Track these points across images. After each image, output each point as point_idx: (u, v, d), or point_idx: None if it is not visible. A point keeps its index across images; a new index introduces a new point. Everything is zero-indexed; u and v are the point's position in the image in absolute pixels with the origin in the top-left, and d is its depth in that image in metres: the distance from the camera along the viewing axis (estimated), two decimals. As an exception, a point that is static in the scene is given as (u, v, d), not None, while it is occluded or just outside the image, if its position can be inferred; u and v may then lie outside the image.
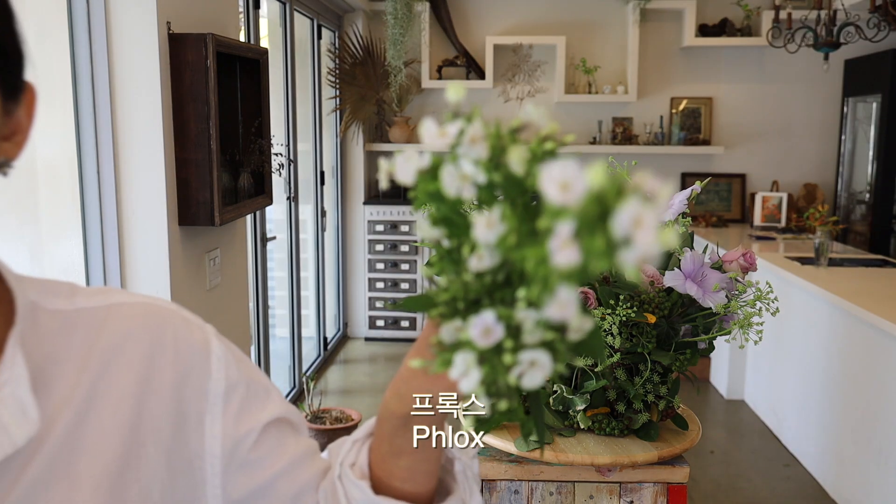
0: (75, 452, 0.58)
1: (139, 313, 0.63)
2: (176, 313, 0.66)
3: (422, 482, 0.66)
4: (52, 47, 2.03)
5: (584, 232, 0.37)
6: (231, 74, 2.43)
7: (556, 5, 5.08)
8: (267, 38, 3.76)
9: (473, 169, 0.43)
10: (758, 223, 4.89)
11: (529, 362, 0.42)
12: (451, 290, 0.46)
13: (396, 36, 4.65)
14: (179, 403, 0.63)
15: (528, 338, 0.43)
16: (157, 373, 0.62)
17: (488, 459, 1.69)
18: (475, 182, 0.44)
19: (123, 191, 2.08)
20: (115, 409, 0.59)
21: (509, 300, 0.44)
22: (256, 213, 3.21)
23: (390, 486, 0.66)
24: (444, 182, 0.44)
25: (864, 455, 2.88)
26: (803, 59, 4.91)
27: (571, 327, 0.44)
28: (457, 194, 0.44)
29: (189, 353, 0.64)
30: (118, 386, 0.60)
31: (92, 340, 0.60)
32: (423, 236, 0.48)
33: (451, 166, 0.44)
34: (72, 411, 0.58)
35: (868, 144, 4.62)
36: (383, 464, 0.65)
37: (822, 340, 3.24)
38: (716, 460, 3.43)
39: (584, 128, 5.11)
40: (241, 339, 2.77)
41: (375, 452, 0.66)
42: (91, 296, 0.63)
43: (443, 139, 0.45)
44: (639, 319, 1.61)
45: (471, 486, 0.69)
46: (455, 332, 0.45)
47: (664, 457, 1.64)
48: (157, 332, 0.63)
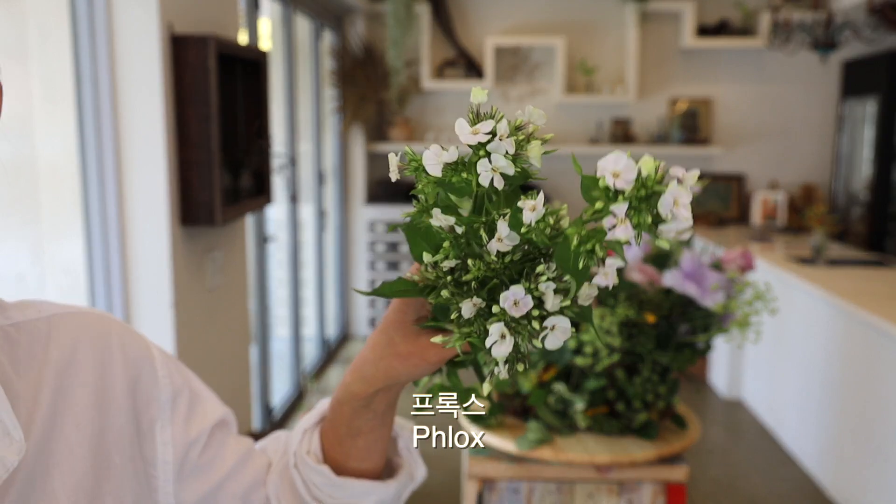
0: (48, 471, 0.57)
1: (82, 323, 0.62)
2: (116, 320, 0.66)
3: (376, 460, 0.68)
4: (54, 47, 2.03)
5: (635, 211, 0.45)
6: (232, 75, 2.44)
7: (556, 6, 5.09)
8: (269, 38, 3.77)
9: (505, 162, 0.49)
10: (756, 223, 4.90)
11: (552, 327, 0.50)
12: (473, 271, 0.51)
13: (397, 37, 4.66)
14: (134, 411, 0.63)
15: (550, 306, 0.50)
16: (110, 382, 0.62)
17: (488, 459, 1.70)
18: (504, 174, 0.49)
19: (125, 191, 2.09)
20: (77, 423, 0.59)
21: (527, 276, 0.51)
22: (257, 213, 3.22)
23: (347, 467, 0.68)
24: (479, 173, 0.50)
25: (862, 454, 2.89)
26: (802, 60, 4.92)
27: (581, 295, 0.51)
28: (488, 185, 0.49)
29: (136, 359, 0.64)
30: (77, 400, 0.59)
31: (39, 355, 0.59)
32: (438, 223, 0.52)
33: (484, 160, 0.49)
34: (38, 430, 0.57)
35: (866, 145, 4.63)
36: (340, 446, 0.67)
37: (821, 340, 3.25)
38: (715, 459, 3.44)
39: (584, 128, 5.12)
40: (242, 339, 2.78)
41: (331, 436, 0.67)
42: (22, 309, 0.61)
43: (476, 136, 0.50)
44: (638, 319, 1.62)
45: (416, 460, 0.72)
46: (474, 308, 0.51)
47: (663, 456, 1.65)
48: (103, 341, 0.62)
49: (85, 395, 0.60)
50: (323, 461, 0.68)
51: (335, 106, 4.86)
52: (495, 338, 0.50)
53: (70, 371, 0.60)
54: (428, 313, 0.61)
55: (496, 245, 0.50)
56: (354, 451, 0.67)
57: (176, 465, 0.64)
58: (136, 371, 0.63)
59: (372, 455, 0.67)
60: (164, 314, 2.15)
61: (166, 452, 0.64)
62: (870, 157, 4.57)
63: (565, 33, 5.05)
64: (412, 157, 0.53)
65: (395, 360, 0.61)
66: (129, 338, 0.64)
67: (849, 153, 4.85)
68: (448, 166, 0.51)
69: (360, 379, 0.63)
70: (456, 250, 0.53)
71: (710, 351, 1.73)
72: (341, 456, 0.67)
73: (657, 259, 1.75)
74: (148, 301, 2.14)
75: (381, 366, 0.61)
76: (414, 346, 0.60)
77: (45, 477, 0.56)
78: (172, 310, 2.15)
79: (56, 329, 0.61)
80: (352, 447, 0.67)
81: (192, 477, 0.65)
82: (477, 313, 0.52)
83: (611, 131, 5.09)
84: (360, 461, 0.67)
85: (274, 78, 3.26)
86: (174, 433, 0.64)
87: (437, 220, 0.52)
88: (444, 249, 0.53)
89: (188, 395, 0.66)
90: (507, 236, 0.50)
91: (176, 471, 0.64)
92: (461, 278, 0.52)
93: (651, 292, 1.68)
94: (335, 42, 4.93)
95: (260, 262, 3.31)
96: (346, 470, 0.67)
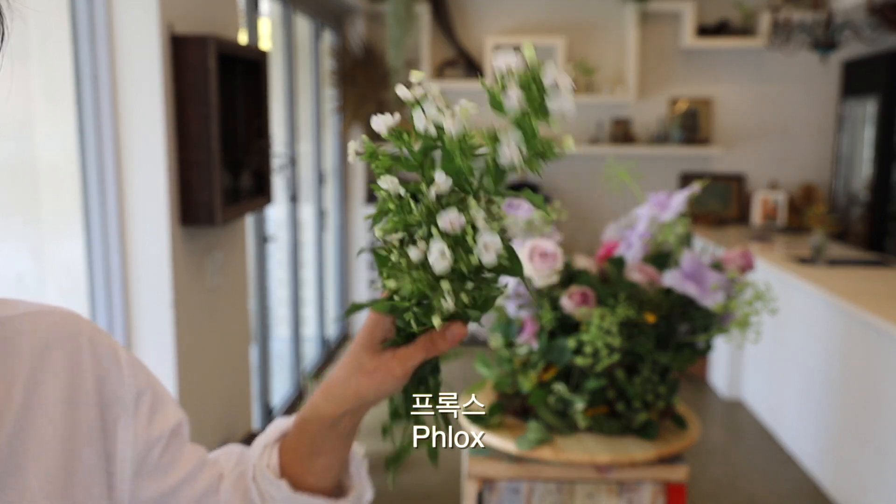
0: (23, 465, 0.58)
1: (53, 322, 0.64)
2: (85, 320, 0.67)
3: (332, 479, 0.71)
4: (54, 47, 2.03)
5: (526, 84, 0.55)
6: (232, 75, 2.44)
7: (556, 6, 5.09)
8: (269, 38, 3.77)
9: (436, 112, 0.58)
10: (756, 223, 4.90)
11: (484, 245, 0.57)
12: (416, 214, 0.59)
13: (397, 37, 4.66)
14: (101, 407, 0.64)
15: (480, 226, 0.58)
16: (80, 378, 0.63)
17: (488, 459, 1.70)
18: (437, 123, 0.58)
19: (125, 191, 2.09)
20: (49, 418, 0.60)
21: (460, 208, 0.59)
22: (257, 213, 3.22)
23: (304, 483, 0.71)
24: (415, 121, 0.59)
25: (862, 454, 2.89)
26: (802, 60, 4.92)
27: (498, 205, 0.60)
28: (425, 132, 0.59)
29: (104, 356, 0.65)
30: (49, 396, 0.61)
31: (11, 352, 0.60)
32: (387, 187, 0.60)
33: (419, 111, 0.59)
34: (11, 425, 0.58)
35: (866, 145, 4.64)
36: (301, 463, 0.70)
37: (821, 340, 3.25)
38: (714, 459, 3.44)
39: (584, 128, 5.13)
40: (242, 339, 2.78)
41: (292, 453, 0.71)
42: None
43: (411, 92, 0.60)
44: (638, 319, 1.62)
45: (365, 483, 0.75)
46: (420, 254, 0.58)
47: (663, 456, 1.65)
48: (73, 339, 0.64)
49: (56, 390, 0.61)
50: (281, 476, 0.71)
51: (335, 106, 4.86)
52: (436, 255, 0.57)
53: (42, 367, 0.61)
54: (393, 334, 0.66)
55: (434, 190, 0.58)
56: (314, 468, 0.70)
57: (134, 464, 0.66)
58: (104, 368, 0.65)
59: (329, 474, 0.71)
60: (164, 314, 2.15)
61: (126, 450, 0.65)
62: (870, 157, 4.57)
63: (565, 33, 5.05)
64: (368, 146, 0.61)
65: (362, 377, 0.64)
66: (97, 337, 0.66)
67: (849, 153, 4.85)
68: (392, 130, 0.60)
69: (330, 399, 0.67)
70: (401, 215, 0.59)
71: (710, 351, 1.73)
72: (300, 472, 0.70)
73: (657, 259, 1.75)
74: (148, 301, 2.15)
75: (350, 384, 0.65)
76: (379, 362, 0.64)
77: (19, 470, 0.58)
78: (172, 310, 2.15)
79: (28, 327, 0.62)
80: (311, 465, 0.70)
81: (150, 477, 0.67)
82: (422, 260, 0.58)
83: (611, 131, 5.09)
84: (318, 479, 0.71)
85: (274, 78, 3.26)
86: (136, 432, 0.66)
87: (385, 184, 0.59)
88: (392, 220, 0.60)
89: (151, 395, 0.68)
90: (442, 181, 0.58)
91: (134, 469, 0.66)
92: (408, 246, 0.59)
93: (651, 292, 1.68)
94: (335, 42, 4.93)
95: (260, 261, 3.32)
96: (303, 486, 0.71)
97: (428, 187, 0.59)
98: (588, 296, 1.65)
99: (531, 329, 1.70)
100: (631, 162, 1.86)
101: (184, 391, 2.20)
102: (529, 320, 1.70)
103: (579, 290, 1.64)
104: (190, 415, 0.74)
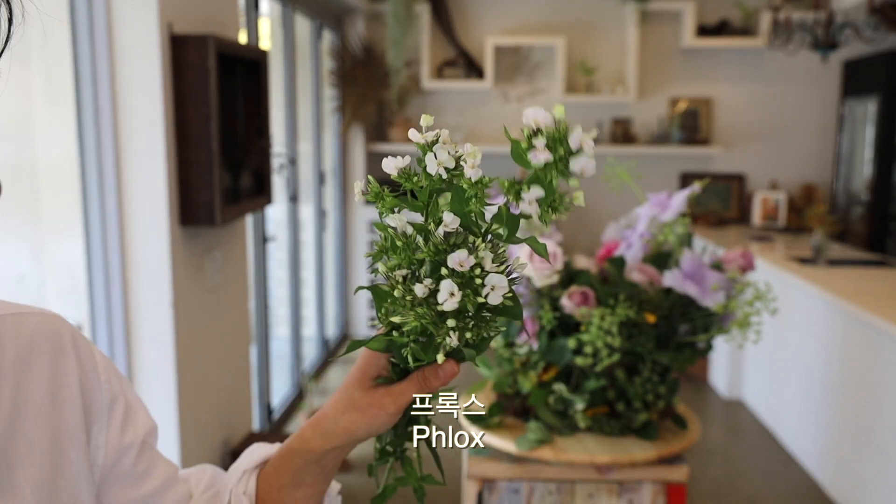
0: (12, 466, 0.58)
1: (36, 323, 0.64)
2: (67, 322, 0.67)
3: None
4: (54, 47, 2.03)
5: (552, 143, 0.57)
6: (232, 75, 2.44)
7: (556, 6, 5.09)
8: (268, 38, 3.77)
9: (447, 157, 0.59)
10: (757, 223, 4.90)
11: (492, 286, 0.58)
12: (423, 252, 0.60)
13: (397, 37, 4.66)
14: (84, 408, 0.64)
15: (488, 266, 0.59)
16: (64, 380, 0.63)
17: (488, 459, 1.70)
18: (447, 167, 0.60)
19: (125, 191, 2.09)
20: (35, 419, 0.60)
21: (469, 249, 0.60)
22: (257, 213, 3.22)
23: None
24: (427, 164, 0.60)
25: (862, 454, 2.89)
26: (802, 59, 4.92)
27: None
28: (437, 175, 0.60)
29: (85, 360, 0.66)
30: (35, 397, 0.61)
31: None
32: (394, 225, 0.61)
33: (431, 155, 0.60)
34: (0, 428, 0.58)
35: (866, 145, 4.63)
36: (278, 493, 0.70)
37: (821, 340, 3.25)
38: (715, 459, 3.44)
39: (584, 128, 5.12)
40: (242, 339, 2.78)
41: (272, 482, 0.70)
42: None
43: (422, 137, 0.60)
44: (638, 319, 1.62)
45: None
46: (425, 290, 0.59)
47: (663, 456, 1.65)
48: (57, 340, 0.64)
49: (42, 391, 0.61)
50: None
51: (335, 106, 4.86)
52: (445, 294, 0.57)
53: (27, 369, 0.61)
54: (387, 372, 0.66)
55: (443, 229, 0.60)
56: (292, 500, 0.70)
57: (105, 469, 0.66)
58: (84, 372, 0.65)
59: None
60: (164, 314, 2.15)
61: (97, 455, 0.65)
62: (870, 156, 4.57)
63: (565, 33, 5.05)
64: (373, 186, 0.62)
65: (354, 413, 0.64)
66: (79, 340, 0.66)
67: (849, 153, 4.85)
68: (402, 171, 0.61)
69: (320, 434, 0.66)
70: (407, 252, 0.60)
71: (711, 351, 1.73)
72: (276, 502, 0.70)
73: (657, 259, 1.75)
74: (148, 301, 2.14)
75: (342, 420, 0.65)
76: (371, 398, 0.64)
77: (8, 471, 0.58)
78: (172, 309, 2.15)
79: (12, 328, 0.62)
80: (290, 497, 0.69)
81: (119, 484, 0.67)
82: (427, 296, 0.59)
83: (611, 131, 5.09)
84: None
85: (274, 78, 3.26)
86: (108, 438, 0.66)
87: (392, 221, 0.61)
88: (397, 257, 0.61)
89: (123, 403, 0.68)
90: (451, 221, 0.59)
91: (104, 475, 0.66)
92: (412, 283, 0.60)
93: (651, 292, 1.68)
94: (335, 42, 4.92)
95: (260, 261, 3.31)
96: None
97: (436, 227, 0.60)
98: (588, 296, 1.64)
99: (531, 329, 1.70)
100: (631, 162, 1.86)
101: (184, 391, 2.20)
102: (529, 320, 1.70)
103: (579, 290, 1.64)
104: (190, 415, 0.74)
